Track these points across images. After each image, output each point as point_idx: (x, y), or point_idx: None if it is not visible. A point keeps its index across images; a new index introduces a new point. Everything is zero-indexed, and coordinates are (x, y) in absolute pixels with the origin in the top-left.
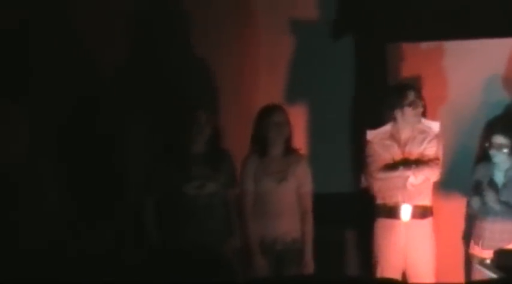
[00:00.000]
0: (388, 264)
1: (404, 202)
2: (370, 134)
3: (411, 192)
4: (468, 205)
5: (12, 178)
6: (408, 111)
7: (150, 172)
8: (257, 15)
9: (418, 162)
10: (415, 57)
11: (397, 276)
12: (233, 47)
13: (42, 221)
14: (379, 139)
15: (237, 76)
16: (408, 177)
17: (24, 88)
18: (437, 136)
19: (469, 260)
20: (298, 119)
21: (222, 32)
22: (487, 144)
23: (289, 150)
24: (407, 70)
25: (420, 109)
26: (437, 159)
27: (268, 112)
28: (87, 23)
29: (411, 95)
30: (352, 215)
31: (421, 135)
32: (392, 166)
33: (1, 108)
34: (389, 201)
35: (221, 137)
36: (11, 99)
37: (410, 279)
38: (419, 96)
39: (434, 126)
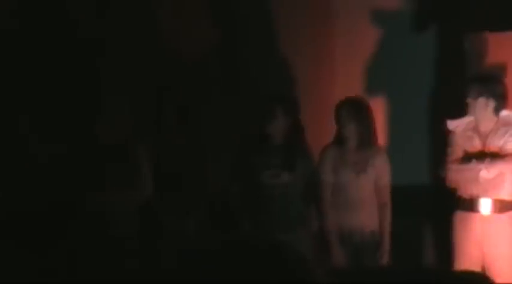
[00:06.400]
0: (466, 257)
1: (478, 195)
2: (452, 124)
3: (485, 186)
4: None
5: (108, 164)
6: (478, 103)
7: (235, 162)
8: (335, 6)
9: (494, 156)
10: (499, 47)
11: (477, 269)
12: (311, 39)
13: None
14: (461, 130)
15: (315, 69)
16: (480, 170)
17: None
18: None
19: None
20: (377, 111)
21: (299, 23)
22: None
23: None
24: (491, 60)
25: (492, 103)
26: None
27: (345, 103)
28: (173, 21)
29: (478, 87)
30: (431, 208)
31: (503, 127)
32: (467, 158)
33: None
34: (465, 194)
35: (301, 130)
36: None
37: (489, 273)
38: (495, 87)
39: None
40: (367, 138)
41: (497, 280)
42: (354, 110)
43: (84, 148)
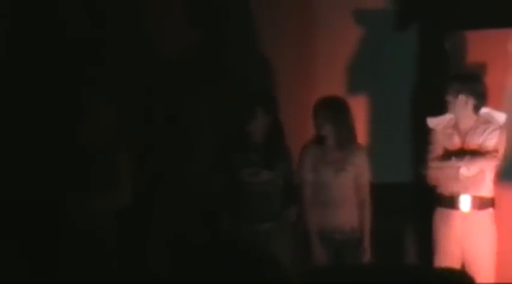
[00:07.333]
0: (447, 254)
1: (459, 192)
2: (432, 122)
3: (465, 183)
4: None
5: (90, 166)
6: (458, 101)
7: (216, 160)
8: (317, 5)
9: (473, 153)
10: (479, 45)
11: (456, 266)
12: (292, 37)
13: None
14: (442, 128)
15: (297, 68)
16: (460, 167)
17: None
18: (501, 127)
19: None
20: (359, 109)
21: (281, 23)
22: None
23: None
24: (472, 58)
25: (471, 101)
26: (495, 151)
27: (320, 104)
28: (158, 23)
29: (458, 85)
30: (412, 205)
31: (483, 125)
32: (447, 156)
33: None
34: (445, 191)
35: (280, 129)
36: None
37: (469, 271)
38: (475, 85)
39: (499, 116)
40: (345, 137)
41: (477, 277)
42: (330, 110)
43: (67, 151)
